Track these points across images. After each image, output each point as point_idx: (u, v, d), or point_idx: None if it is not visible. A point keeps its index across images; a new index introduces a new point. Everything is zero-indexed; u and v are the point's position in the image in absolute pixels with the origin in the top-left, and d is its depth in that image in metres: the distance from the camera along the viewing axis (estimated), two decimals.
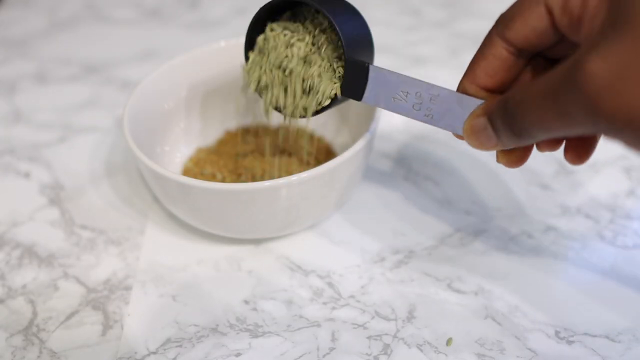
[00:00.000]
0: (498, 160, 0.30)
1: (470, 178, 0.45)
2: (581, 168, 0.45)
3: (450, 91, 0.29)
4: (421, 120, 0.31)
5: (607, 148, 0.46)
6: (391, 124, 0.50)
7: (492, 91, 0.29)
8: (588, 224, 0.41)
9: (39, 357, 0.35)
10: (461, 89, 0.30)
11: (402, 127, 0.50)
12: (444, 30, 0.63)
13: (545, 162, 0.46)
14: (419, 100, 0.30)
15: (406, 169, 0.46)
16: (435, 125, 0.31)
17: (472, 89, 0.29)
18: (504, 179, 0.45)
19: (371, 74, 0.32)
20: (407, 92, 0.31)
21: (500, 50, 0.28)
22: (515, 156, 0.30)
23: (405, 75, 0.31)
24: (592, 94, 0.21)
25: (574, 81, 0.22)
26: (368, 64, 0.32)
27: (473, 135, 0.28)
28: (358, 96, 0.33)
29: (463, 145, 0.48)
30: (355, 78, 0.32)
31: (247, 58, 0.36)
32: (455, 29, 0.63)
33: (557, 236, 0.40)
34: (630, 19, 0.21)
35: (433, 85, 0.30)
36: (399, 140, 0.48)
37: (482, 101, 0.29)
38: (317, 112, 0.35)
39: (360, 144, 0.36)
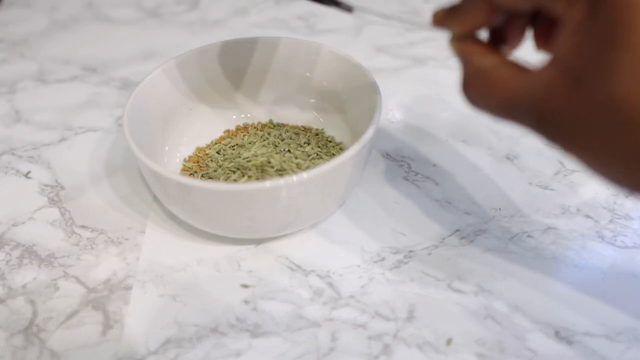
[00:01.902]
0: None
1: (470, 178, 0.45)
2: (581, 168, 0.45)
3: None
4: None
5: None
6: (391, 123, 0.50)
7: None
8: (588, 224, 0.41)
9: (39, 357, 0.35)
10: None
11: (402, 127, 0.50)
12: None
13: (545, 162, 0.46)
14: None
15: (406, 169, 0.46)
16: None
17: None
18: (504, 179, 0.45)
19: None
20: None
21: (482, 13, 0.28)
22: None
23: None
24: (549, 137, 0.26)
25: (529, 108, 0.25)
26: None
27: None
28: None
29: (463, 145, 0.48)
30: None
31: None
32: None
33: (557, 236, 0.40)
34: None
35: None
36: (399, 140, 0.48)
37: None
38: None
39: (360, 144, 0.36)
